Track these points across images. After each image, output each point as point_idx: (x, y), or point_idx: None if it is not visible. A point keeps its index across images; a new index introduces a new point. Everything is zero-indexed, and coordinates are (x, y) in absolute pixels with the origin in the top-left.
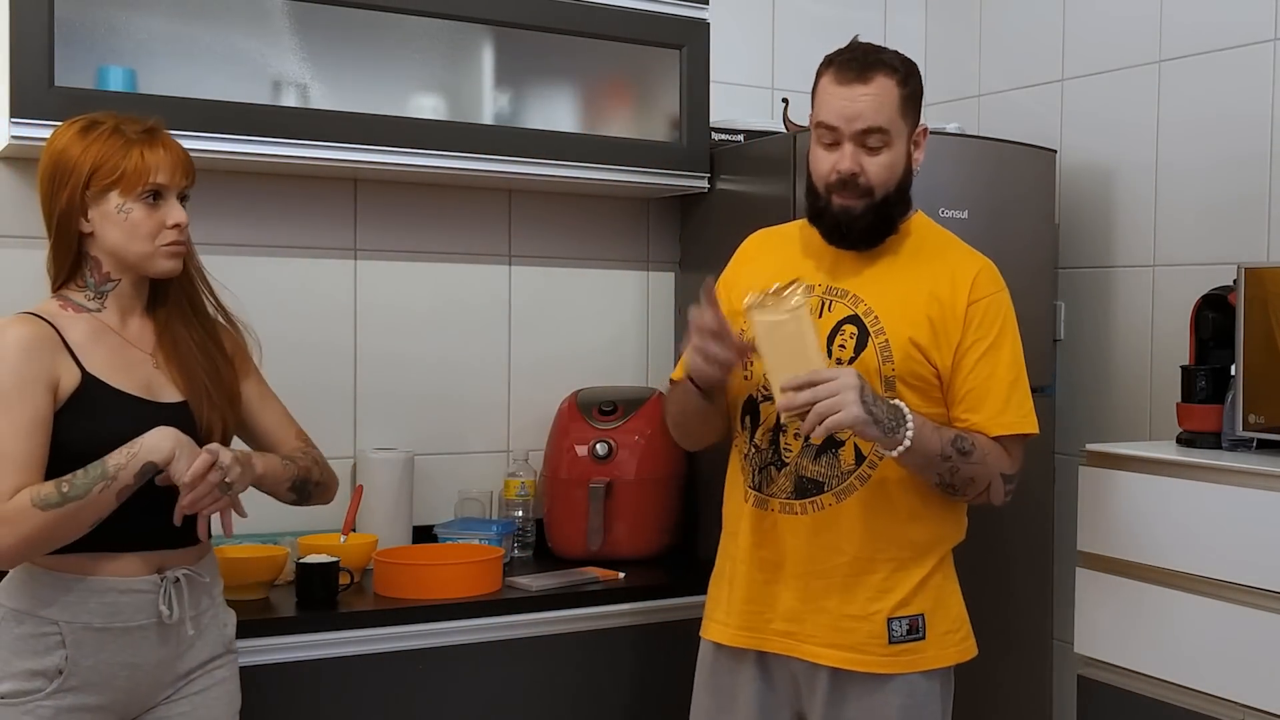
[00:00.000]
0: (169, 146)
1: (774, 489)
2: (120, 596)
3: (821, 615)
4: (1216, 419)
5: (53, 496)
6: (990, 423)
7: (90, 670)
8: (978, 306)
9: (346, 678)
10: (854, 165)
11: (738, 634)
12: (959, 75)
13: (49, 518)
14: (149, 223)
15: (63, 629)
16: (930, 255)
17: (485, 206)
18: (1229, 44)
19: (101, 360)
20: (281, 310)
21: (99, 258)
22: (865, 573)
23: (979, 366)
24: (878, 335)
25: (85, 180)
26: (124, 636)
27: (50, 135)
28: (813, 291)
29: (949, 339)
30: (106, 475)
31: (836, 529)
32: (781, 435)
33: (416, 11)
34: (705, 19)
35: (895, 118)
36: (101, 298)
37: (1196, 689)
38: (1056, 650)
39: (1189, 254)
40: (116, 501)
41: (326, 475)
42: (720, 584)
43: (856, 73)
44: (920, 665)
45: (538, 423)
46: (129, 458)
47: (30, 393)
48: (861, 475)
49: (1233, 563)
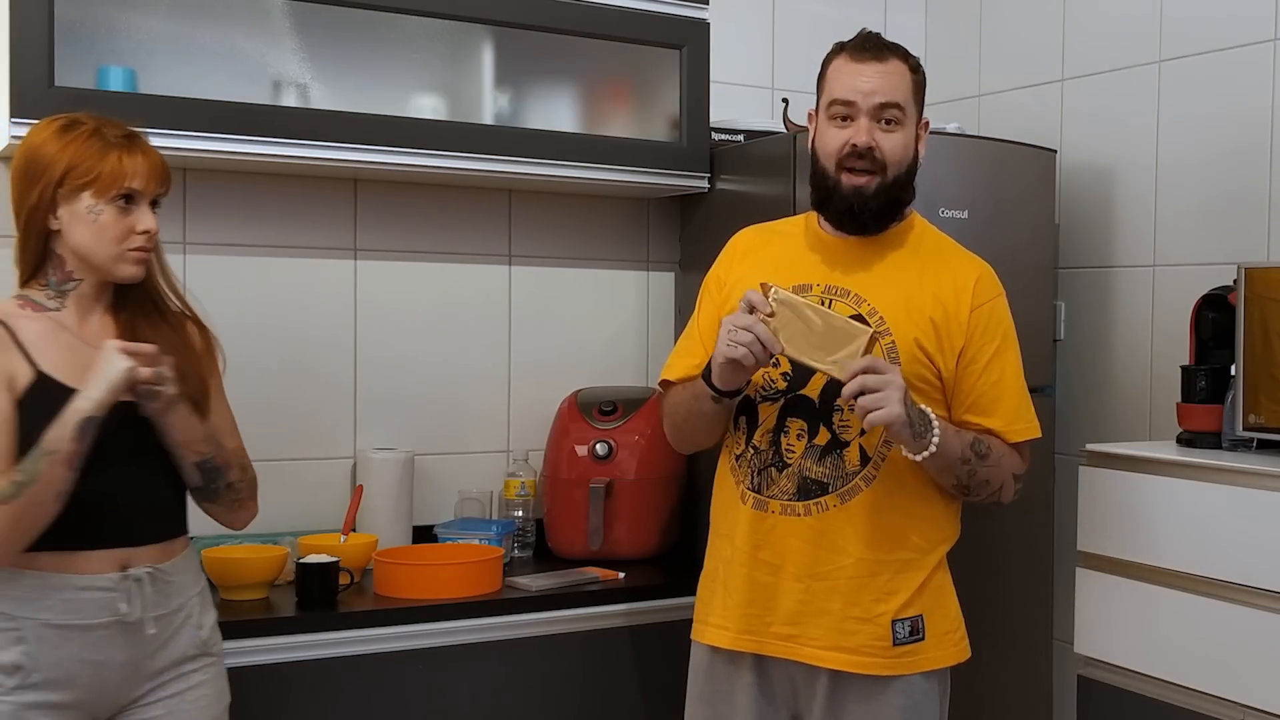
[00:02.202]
0: (147, 153)
1: (775, 490)
2: (79, 593)
3: (824, 618)
4: (1216, 419)
5: (7, 488)
6: (1008, 429)
7: (52, 667)
8: (981, 312)
9: (346, 678)
10: (870, 139)
11: (737, 637)
12: (959, 75)
13: (12, 509)
14: (118, 227)
15: (21, 625)
16: (931, 257)
17: (485, 206)
18: (1229, 44)
19: (55, 359)
20: (281, 310)
21: (63, 256)
22: (869, 574)
23: (987, 372)
24: (883, 337)
25: (59, 178)
26: (85, 634)
27: (27, 131)
28: (811, 290)
29: (951, 343)
30: (44, 451)
31: (841, 531)
32: (783, 436)
33: (416, 11)
34: (705, 19)
35: (909, 99)
36: (62, 296)
37: (1196, 689)
38: (1056, 650)
39: (1189, 254)
40: (69, 470)
41: (245, 489)
42: (713, 587)
43: (873, 53)
44: (921, 666)
45: (538, 423)
46: (60, 427)
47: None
48: (866, 476)
49: (1233, 563)
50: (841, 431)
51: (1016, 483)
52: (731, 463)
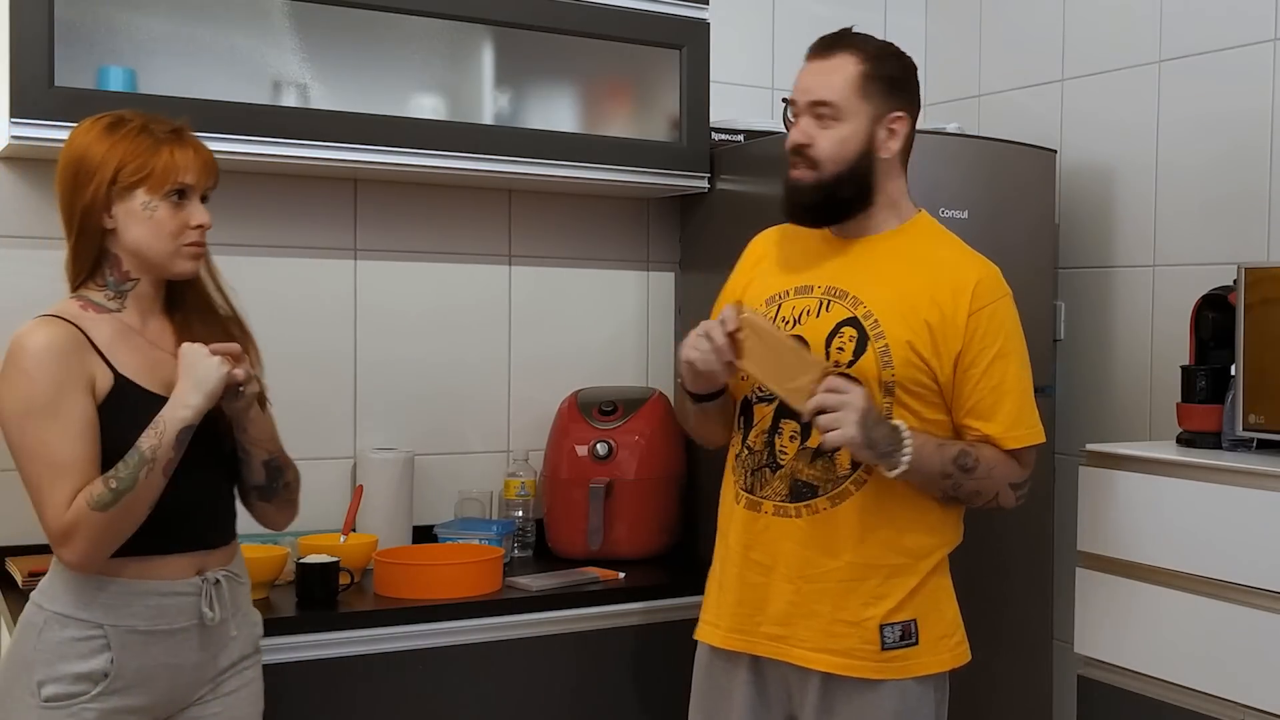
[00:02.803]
0: (196, 147)
1: (767, 491)
2: (163, 599)
3: (813, 619)
4: (1216, 419)
5: (105, 495)
6: (1005, 436)
7: (134, 673)
8: (980, 316)
9: (346, 678)
10: (802, 136)
11: (729, 636)
12: (959, 75)
13: (108, 517)
14: (173, 222)
15: (108, 632)
16: (932, 258)
17: (485, 206)
18: (1229, 44)
19: (130, 361)
20: (281, 310)
21: (120, 256)
22: (859, 578)
23: (986, 377)
24: (877, 340)
25: (112, 176)
26: (168, 639)
27: (71, 132)
28: (813, 292)
29: (948, 347)
30: (145, 460)
31: (831, 533)
32: (777, 438)
33: (416, 11)
34: (705, 19)
35: (849, 95)
36: (121, 297)
37: (1196, 689)
38: (1056, 650)
39: (1189, 254)
40: (166, 478)
41: (296, 488)
42: (712, 585)
43: (821, 50)
44: (913, 671)
45: (538, 423)
46: (159, 435)
47: (71, 397)
48: (857, 480)
49: (1233, 563)
50: None
51: (1017, 490)
52: (731, 462)
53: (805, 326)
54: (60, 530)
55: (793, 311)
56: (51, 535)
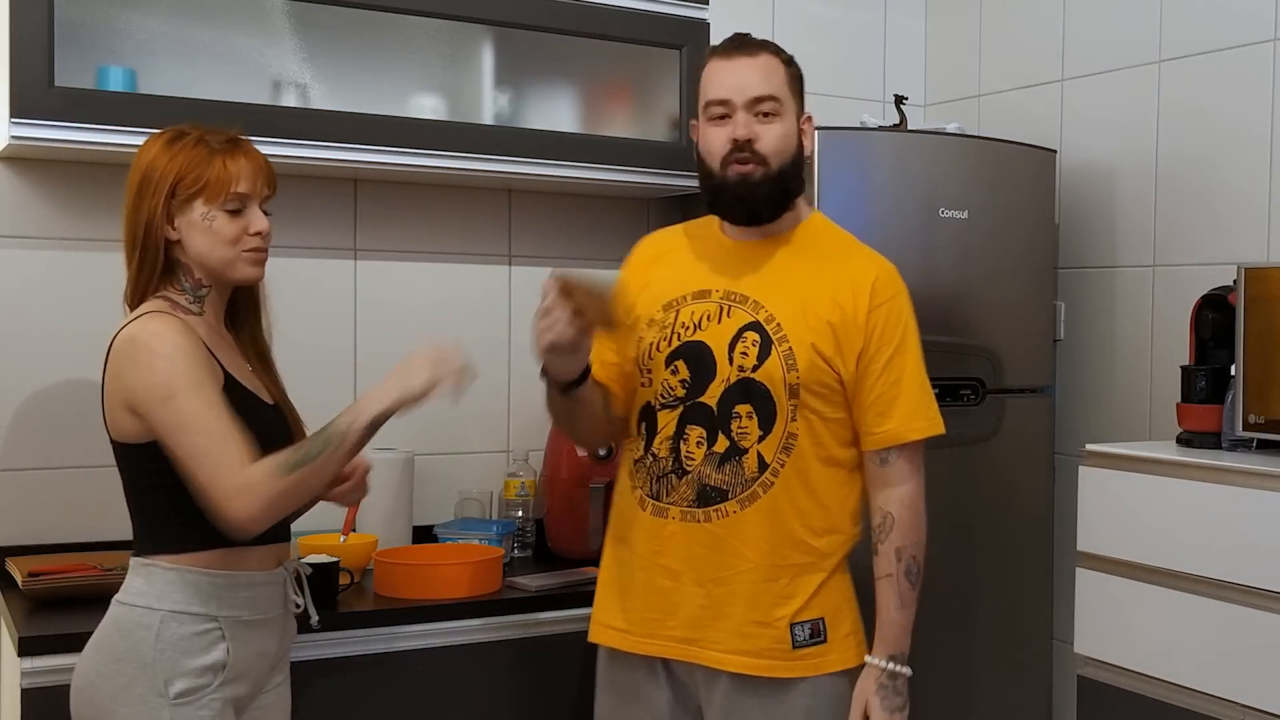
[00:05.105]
0: (251, 156)
1: (674, 497)
2: (260, 590)
3: (725, 621)
4: (1216, 419)
5: (292, 458)
6: (904, 428)
7: (242, 661)
8: (879, 312)
9: (346, 678)
10: (749, 132)
11: (638, 641)
12: (959, 75)
13: (285, 483)
14: (231, 229)
15: (222, 624)
16: (829, 258)
17: (485, 206)
18: (1229, 44)
19: (227, 361)
20: (281, 310)
21: (189, 264)
22: (769, 579)
23: (886, 372)
24: (781, 343)
25: (171, 189)
26: (265, 628)
27: (140, 147)
28: (711, 296)
29: (851, 346)
30: (334, 437)
31: (740, 536)
32: (682, 443)
33: (416, 11)
34: (705, 19)
35: (785, 91)
36: (200, 302)
37: (1196, 689)
38: (1056, 650)
39: (1189, 254)
40: (346, 461)
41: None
42: (610, 589)
43: (743, 50)
44: (824, 668)
45: (538, 423)
46: (353, 418)
47: (210, 378)
48: (765, 483)
49: (1233, 563)
50: (740, 439)
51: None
52: (630, 467)
53: (706, 332)
54: (236, 486)
55: (692, 317)
56: (223, 492)
